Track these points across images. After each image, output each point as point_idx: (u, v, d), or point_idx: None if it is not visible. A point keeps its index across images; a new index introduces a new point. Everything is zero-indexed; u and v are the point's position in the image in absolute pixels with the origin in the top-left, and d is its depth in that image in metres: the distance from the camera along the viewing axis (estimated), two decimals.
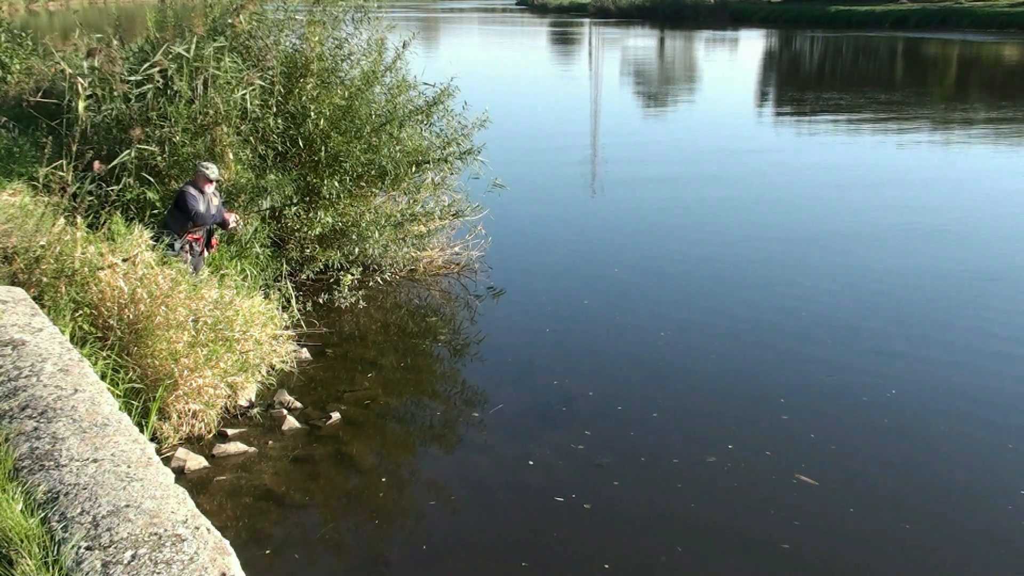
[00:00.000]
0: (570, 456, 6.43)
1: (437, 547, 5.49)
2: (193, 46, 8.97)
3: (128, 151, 8.60)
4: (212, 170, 7.82)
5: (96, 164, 7.74)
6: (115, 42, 9.81)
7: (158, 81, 8.95)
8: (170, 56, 8.91)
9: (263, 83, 9.20)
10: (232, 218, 8.19)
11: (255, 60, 9.54)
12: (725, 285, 10.15)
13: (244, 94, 8.88)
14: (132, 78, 8.91)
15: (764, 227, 12.52)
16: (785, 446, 6.60)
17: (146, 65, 8.93)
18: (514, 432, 6.76)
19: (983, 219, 12.90)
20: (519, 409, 7.12)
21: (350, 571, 5.37)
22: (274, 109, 9.36)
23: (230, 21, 9.51)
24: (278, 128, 9.40)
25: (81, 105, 8.72)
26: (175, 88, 8.88)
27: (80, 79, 8.79)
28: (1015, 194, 14.58)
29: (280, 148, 9.53)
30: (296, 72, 9.60)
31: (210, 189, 7.86)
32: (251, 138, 9.29)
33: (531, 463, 6.35)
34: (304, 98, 9.47)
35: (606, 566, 5.29)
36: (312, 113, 9.46)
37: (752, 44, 50.31)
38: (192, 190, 7.77)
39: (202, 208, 7.77)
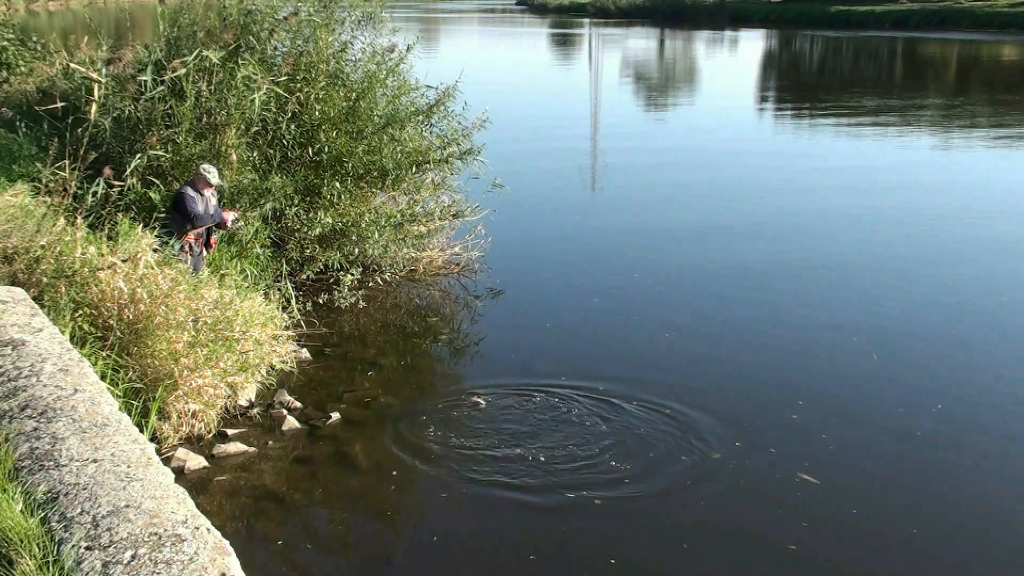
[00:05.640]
0: (576, 453, 6.43)
1: (440, 545, 5.48)
2: (218, 53, 9.00)
3: (140, 156, 8.60)
4: (213, 174, 7.83)
5: (106, 170, 7.73)
6: (130, 45, 9.88)
7: (169, 84, 8.97)
8: (198, 59, 8.91)
9: (284, 92, 9.21)
10: (231, 217, 8.19)
11: (272, 66, 9.60)
12: (729, 283, 10.14)
13: (257, 98, 8.88)
14: (145, 78, 8.89)
15: (770, 226, 12.52)
16: (791, 445, 6.59)
17: (172, 65, 8.92)
18: (518, 430, 6.75)
19: (1001, 223, 12.84)
20: (522, 408, 7.11)
21: (351, 570, 5.37)
22: (289, 115, 9.38)
23: (264, 35, 9.56)
24: (291, 133, 9.42)
25: (94, 108, 8.73)
26: (185, 90, 8.89)
27: (96, 83, 8.81)
28: None
29: (288, 152, 9.56)
30: (300, 74, 9.62)
31: (208, 191, 7.87)
32: (260, 140, 9.31)
33: (541, 459, 6.35)
34: (312, 98, 9.50)
35: (612, 561, 5.30)
36: (317, 112, 9.49)
37: (752, 44, 50.34)
38: (191, 191, 7.77)
39: (200, 209, 7.78)
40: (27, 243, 6.86)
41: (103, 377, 5.51)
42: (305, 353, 7.97)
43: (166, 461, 5.84)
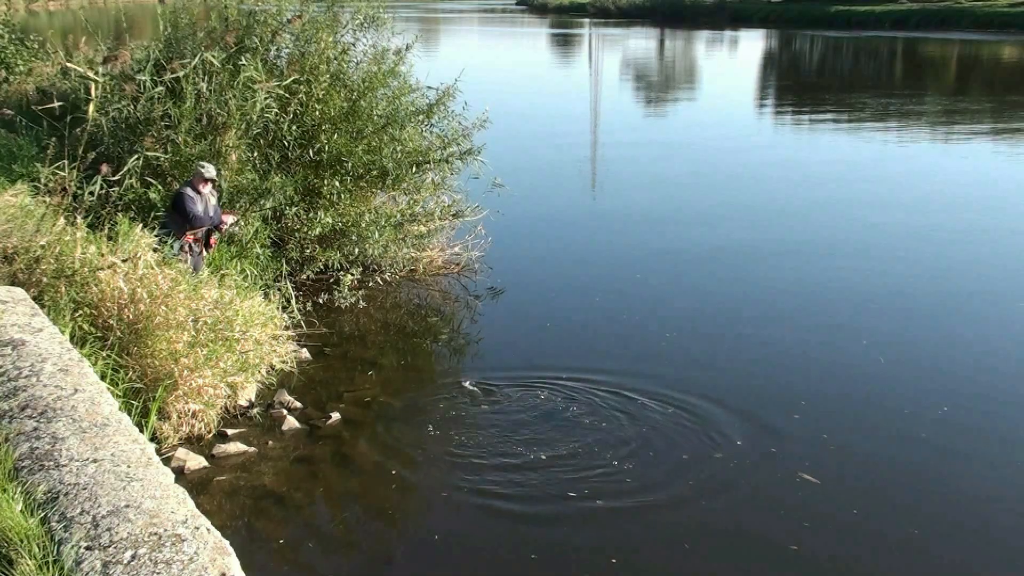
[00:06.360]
0: (576, 453, 6.43)
1: (441, 545, 5.48)
2: (220, 55, 9.01)
3: (137, 157, 8.60)
4: (209, 169, 7.83)
5: (103, 167, 7.74)
6: (127, 44, 9.89)
7: (168, 84, 8.97)
8: (198, 60, 8.91)
9: (286, 94, 9.21)
10: (229, 220, 8.19)
11: (274, 67, 9.60)
12: (732, 282, 10.13)
13: (259, 99, 8.88)
14: (143, 78, 8.89)
15: (771, 225, 12.50)
16: (793, 445, 6.58)
17: (171, 66, 8.92)
18: (519, 430, 6.75)
19: (990, 220, 12.82)
20: (523, 407, 7.12)
21: (351, 570, 5.36)
22: (291, 116, 9.38)
23: (267, 37, 9.57)
24: (292, 134, 9.43)
25: (91, 108, 8.73)
26: (184, 91, 8.89)
27: (92, 82, 8.81)
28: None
29: (288, 152, 9.56)
30: (304, 75, 9.63)
31: (207, 189, 7.86)
32: (260, 140, 9.31)
33: (542, 458, 6.35)
34: (313, 99, 9.51)
35: (613, 561, 5.30)
36: (318, 113, 9.49)
37: (752, 44, 50.33)
38: (189, 192, 7.77)
39: (199, 209, 7.79)
40: (27, 243, 6.85)
41: (103, 377, 5.51)
42: (305, 353, 7.97)
43: (166, 461, 5.84)
